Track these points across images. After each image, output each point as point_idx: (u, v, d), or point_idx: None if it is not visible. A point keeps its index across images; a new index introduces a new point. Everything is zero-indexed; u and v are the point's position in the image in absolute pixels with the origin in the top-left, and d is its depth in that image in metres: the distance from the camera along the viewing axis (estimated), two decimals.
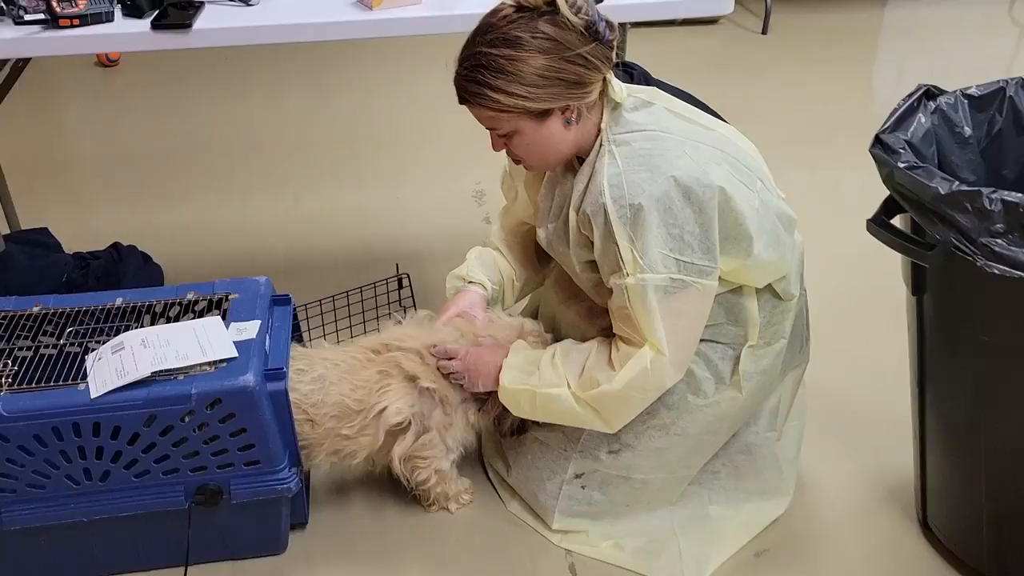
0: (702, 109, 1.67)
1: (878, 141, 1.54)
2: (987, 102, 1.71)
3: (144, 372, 1.57)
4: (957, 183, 1.36)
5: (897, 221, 1.58)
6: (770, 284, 1.66)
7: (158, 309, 1.81)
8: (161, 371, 1.58)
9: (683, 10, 2.08)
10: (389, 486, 1.95)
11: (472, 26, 1.54)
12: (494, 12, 1.51)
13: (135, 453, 1.60)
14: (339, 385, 1.72)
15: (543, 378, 1.65)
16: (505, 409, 1.74)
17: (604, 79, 1.54)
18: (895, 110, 1.62)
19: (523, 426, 1.83)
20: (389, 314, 2.01)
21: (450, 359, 1.73)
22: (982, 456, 1.57)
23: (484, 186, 3.13)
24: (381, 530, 1.87)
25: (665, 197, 1.49)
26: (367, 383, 1.73)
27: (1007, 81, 1.72)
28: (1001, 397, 1.49)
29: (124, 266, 2.58)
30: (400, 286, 1.99)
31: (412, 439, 1.75)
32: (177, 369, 1.59)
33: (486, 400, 1.77)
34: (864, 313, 2.44)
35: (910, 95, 1.65)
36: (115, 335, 1.70)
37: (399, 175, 3.26)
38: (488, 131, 1.60)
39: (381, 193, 3.14)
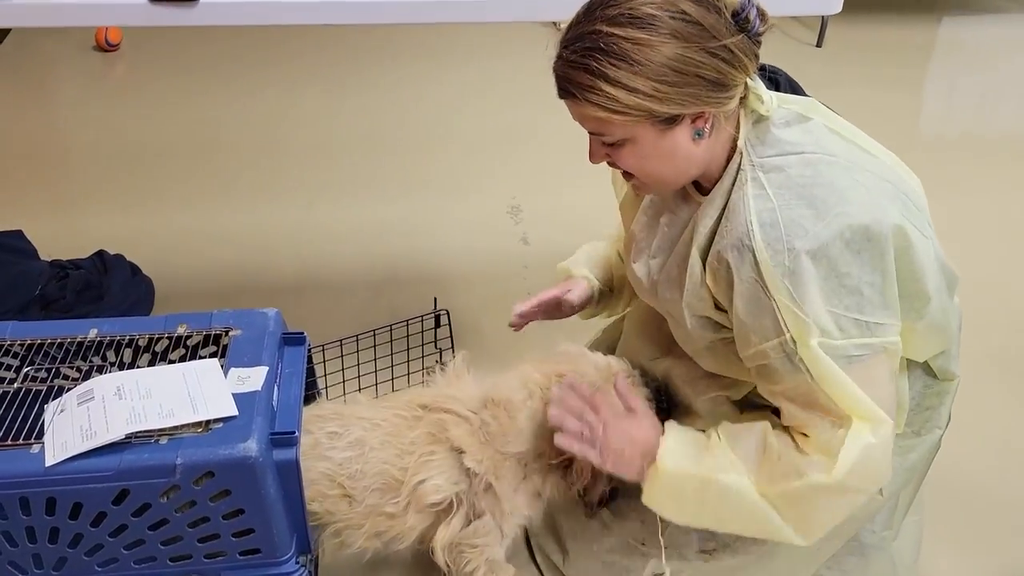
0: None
1: None
2: None
3: (117, 434, 1.22)
4: None
5: None
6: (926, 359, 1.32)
7: (141, 343, 1.46)
8: (139, 432, 1.23)
9: (790, 8, 1.75)
10: (415, 571, 1.60)
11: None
12: None
13: (100, 537, 1.24)
14: (382, 451, 1.39)
15: (718, 460, 1.26)
16: (594, 479, 1.37)
17: (746, 84, 1.20)
18: None
19: (614, 493, 1.46)
20: (422, 358, 1.66)
21: (592, 408, 1.31)
22: None
23: (520, 201, 2.81)
24: None
25: (836, 240, 1.15)
26: (415, 447, 1.39)
27: None
28: None
29: (108, 279, 2.27)
30: (437, 324, 1.64)
31: (460, 524, 1.41)
32: (159, 430, 1.24)
33: (568, 467, 1.41)
34: (988, 377, 2.11)
35: None
36: (85, 378, 1.36)
37: (424, 185, 2.94)
38: (589, 136, 1.24)
39: (405, 205, 2.81)
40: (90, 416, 1.26)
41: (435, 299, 1.68)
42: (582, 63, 1.14)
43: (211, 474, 1.22)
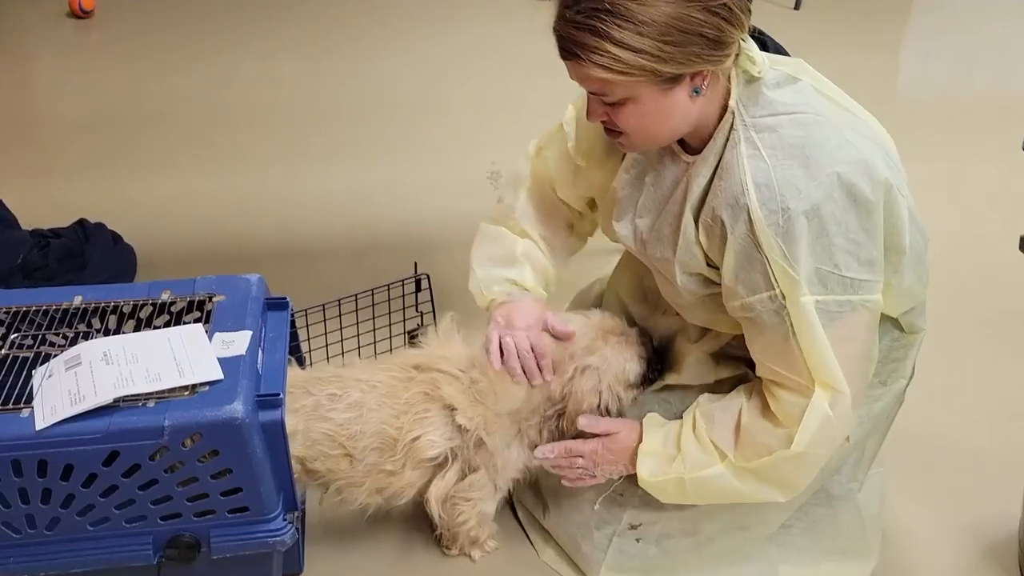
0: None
1: None
2: None
3: (105, 397, 1.25)
4: None
5: None
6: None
7: (126, 310, 1.48)
8: (127, 396, 1.26)
9: None
10: (396, 526, 1.65)
11: None
12: None
13: (91, 497, 1.27)
14: (379, 411, 1.43)
15: (689, 460, 1.35)
16: (583, 432, 1.44)
17: (739, 44, 1.22)
18: None
19: None
20: (403, 322, 1.69)
21: (577, 456, 1.45)
22: None
23: (500, 166, 2.81)
24: None
25: (827, 200, 1.18)
26: (411, 407, 1.43)
27: None
28: None
29: (90, 247, 2.27)
30: (418, 288, 1.67)
31: (454, 478, 1.46)
32: (147, 394, 1.27)
33: (561, 415, 1.46)
34: (957, 334, 2.15)
35: None
36: (71, 344, 1.38)
37: (404, 151, 2.95)
38: (588, 95, 1.26)
39: (384, 171, 2.83)
40: (78, 381, 1.29)
41: (415, 264, 1.71)
42: (587, 24, 1.14)
43: (199, 435, 1.25)
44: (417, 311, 1.71)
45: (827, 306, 1.22)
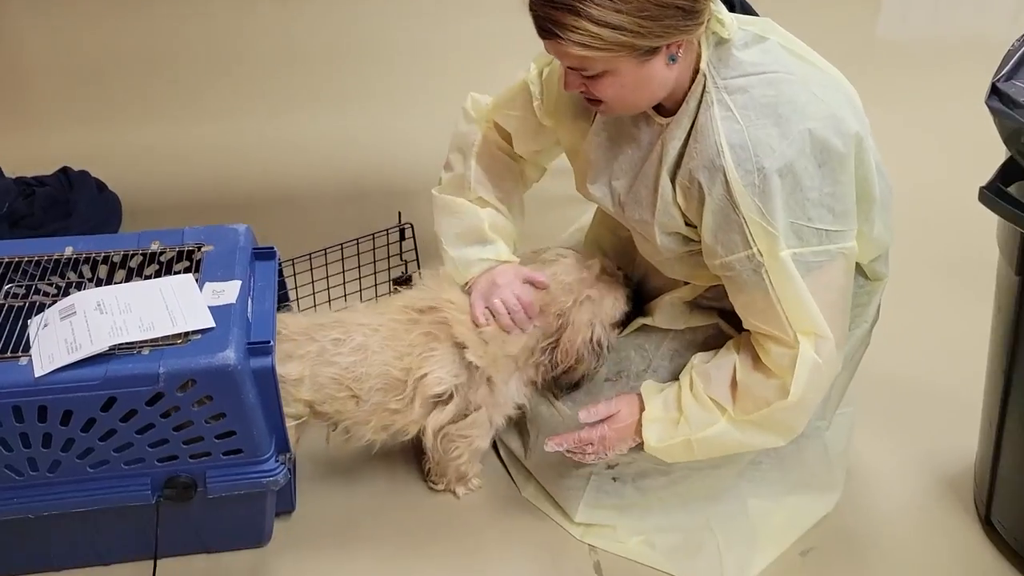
0: None
1: (995, 91, 1.28)
2: None
3: (101, 346, 1.29)
4: None
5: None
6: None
7: (116, 260, 1.52)
8: (121, 344, 1.30)
9: None
10: (385, 464, 1.71)
11: None
12: None
13: (91, 441, 1.33)
14: (382, 353, 1.49)
15: (693, 421, 1.39)
16: (576, 362, 1.51)
17: (710, 7, 1.24)
18: (1010, 52, 1.36)
19: (579, 383, 1.58)
20: (388, 270, 1.74)
21: (587, 443, 1.48)
22: None
23: None
24: (377, 518, 1.64)
25: (800, 156, 1.23)
26: (412, 348, 1.50)
27: None
28: None
29: (75, 195, 2.28)
30: (402, 237, 1.71)
31: (452, 412, 1.53)
32: (141, 342, 1.32)
33: (555, 348, 1.52)
34: (920, 279, 2.21)
35: None
36: (64, 294, 1.42)
37: (388, 97, 2.95)
38: (566, 68, 1.28)
39: (368, 117, 2.83)
40: (74, 330, 1.33)
41: (399, 213, 1.74)
42: (565, 4, 1.16)
43: (193, 382, 1.30)
44: (401, 259, 1.75)
45: (804, 257, 1.26)
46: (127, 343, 1.31)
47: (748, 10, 1.36)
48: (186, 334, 1.34)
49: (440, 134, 2.73)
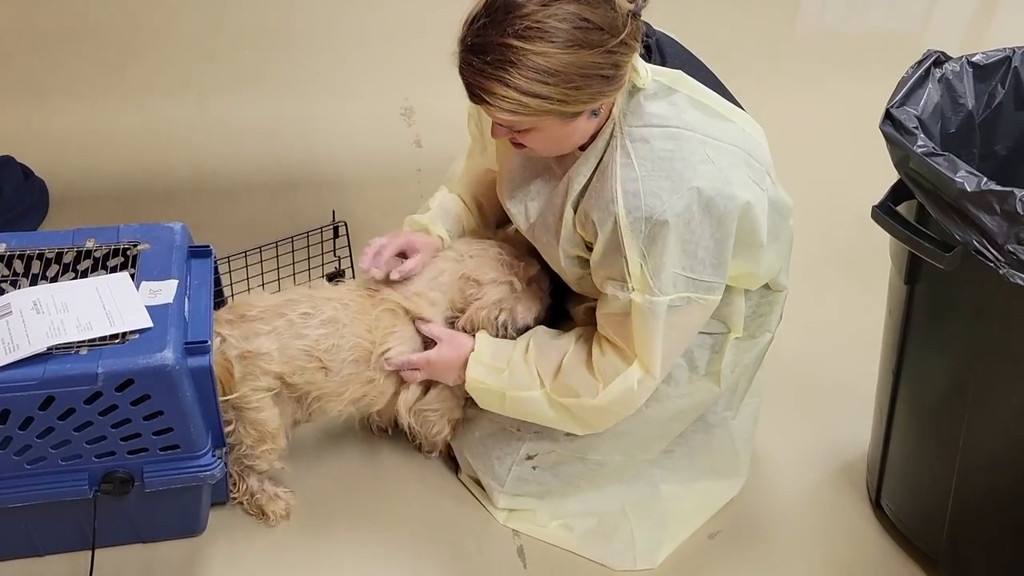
0: (716, 86, 1.45)
1: (888, 117, 1.40)
2: (991, 72, 1.59)
3: (39, 346, 1.32)
4: (985, 180, 1.23)
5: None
6: None
7: (50, 256, 1.54)
8: (59, 345, 1.34)
9: None
10: (318, 451, 1.78)
11: None
12: None
13: (28, 439, 1.36)
14: (353, 326, 1.56)
15: (514, 379, 1.51)
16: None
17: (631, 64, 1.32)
18: (904, 79, 1.47)
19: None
20: (322, 266, 1.80)
21: (414, 370, 1.59)
22: (959, 450, 1.51)
23: (413, 102, 2.87)
24: (310, 504, 1.70)
25: (686, 211, 1.31)
26: (379, 323, 1.57)
27: (1013, 51, 1.59)
28: (994, 399, 1.41)
29: (0, 182, 2.24)
30: (336, 235, 1.76)
31: (419, 389, 1.62)
32: (79, 342, 1.35)
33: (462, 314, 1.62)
34: (820, 275, 2.34)
35: (919, 62, 1.50)
36: None
37: (315, 83, 2.94)
38: (493, 122, 1.35)
39: (296, 104, 2.83)
40: (10, 330, 1.35)
41: (333, 212, 1.79)
42: (496, 75, 1.23)
43: (131, 381, 1.34)
44: (335, 256, 1.80)
45: (671, 302, 1.37)
46: (65, 343, 1.34)
47: (671, 49, 1.42)
48: (124, 334, 1.37)
49: (369, 123, 2.78)
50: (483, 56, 1.23)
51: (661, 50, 1.38)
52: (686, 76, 1.38)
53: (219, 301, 1.66)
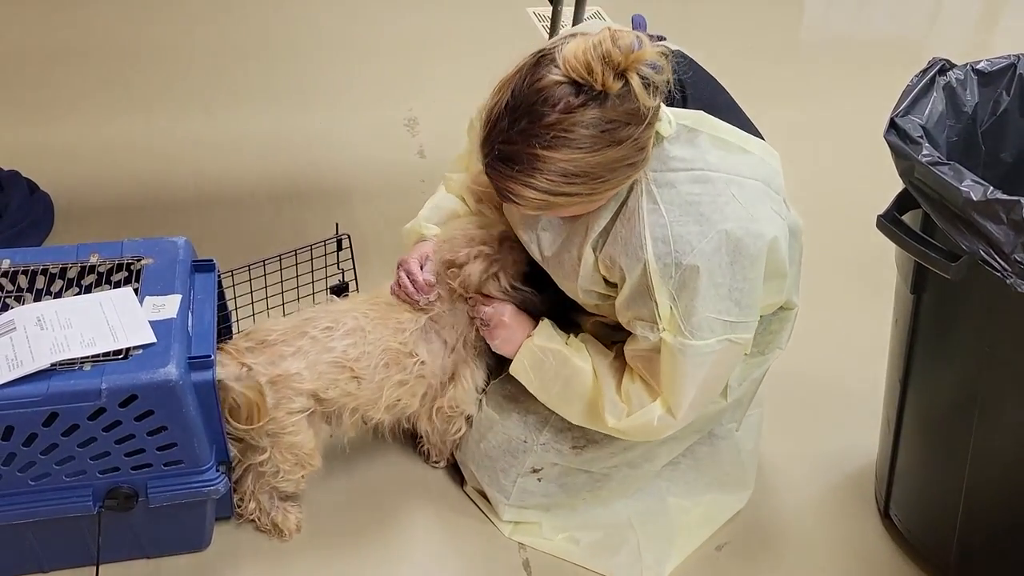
0: (732, 108, 1.44)
1: (893, 126, 1.39)
2: (996, 79, 1.58)
3: (43, 363, 1.32)
4: (991, 189, 1.23)
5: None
6: None
7: (53, 271, 1.54)
8: (63, 361, 1.33)
9: None
10: (322, 465, 1.77)
11: None
12: (542, 94, 1.21)
13: (32, 455, 1.36)
14: (377, 332, 1.57)
15: (572, 352, 1.51)
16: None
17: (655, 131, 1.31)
18: (909, 88, 1.47)
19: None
20: (325, 279, 1.79)
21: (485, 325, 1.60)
22: (968, 459, 1.50)
23: (416, 113, 2.87)
24: (315, 517, 1.70)
25: (715, 254, 1.31)
26: (405, 324, 1.58)
27: (1018, 58, 1.58)
28: (1002, 408, 1.40)
29: (6, 197, 2.25)
30: (339, 248, 1.76)
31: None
32: (82, 358, 1.35)
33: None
34: (826, 284, 2.32)
35: (924, 71, 1.50)
36: (2, 307, 1.44)
37: (320, 94, 2.95)
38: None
39: (301, 116, 2.84)
40: (14, 346, 1.35)
41: (336, 224, 1.79)
42: (524, 180, 1.25)
43: (135, 397, 1.34)
44: (339, 268, 1.80)
45: (705, 347, 1.36)
46: (68, 359, 1.34)
47: (684, 90, 1.40)
48: (127, 350, 1.37)
49: (373, 134, 2.79)
50: (511, 164, 1.25)
51: (683, 89, 1.37)
52: (707, 116, 1.36)
53: (223, 315, 1.65)
